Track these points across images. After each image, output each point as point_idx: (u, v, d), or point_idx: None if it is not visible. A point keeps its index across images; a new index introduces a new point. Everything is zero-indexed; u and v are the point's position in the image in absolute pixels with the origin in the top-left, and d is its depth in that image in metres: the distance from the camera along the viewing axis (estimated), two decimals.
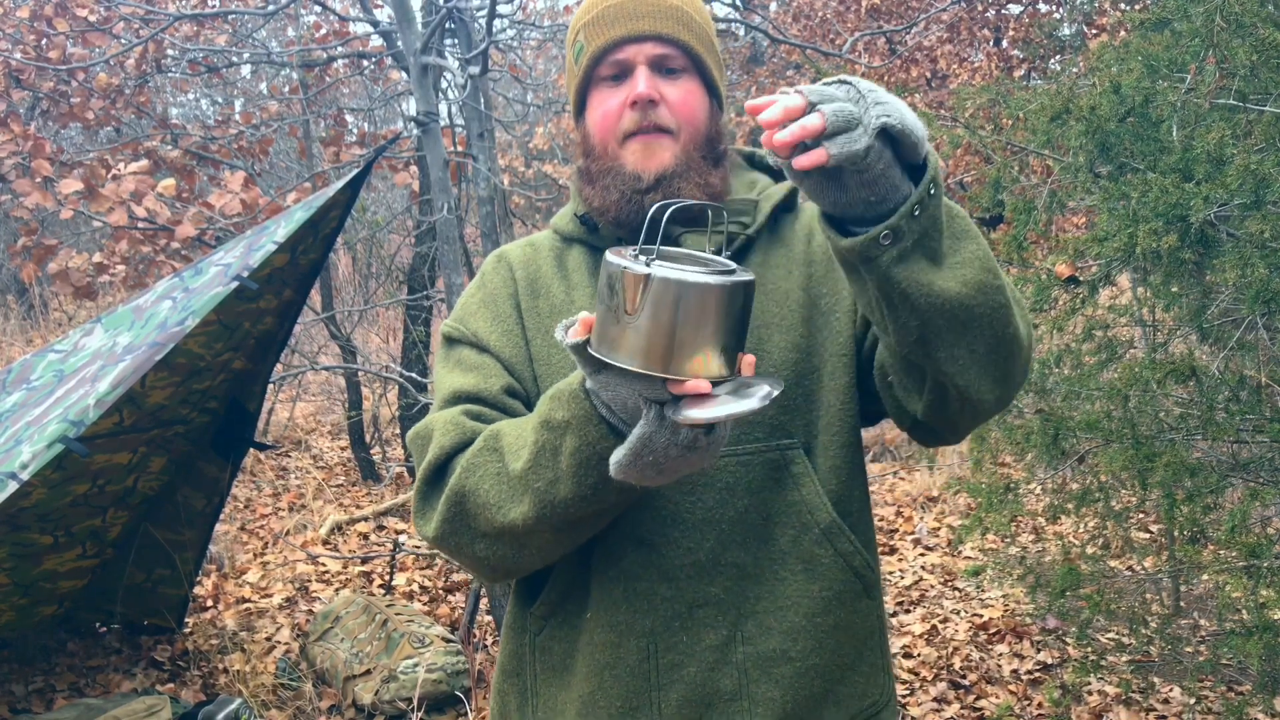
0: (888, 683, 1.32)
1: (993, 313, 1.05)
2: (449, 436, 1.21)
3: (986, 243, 1.08)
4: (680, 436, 1.02)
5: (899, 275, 1.00)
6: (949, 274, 1.03)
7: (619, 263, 1.00)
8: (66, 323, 10.50)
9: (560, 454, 1.10)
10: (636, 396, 1.03)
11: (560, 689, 1.29)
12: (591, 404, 1.07)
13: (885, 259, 0.99)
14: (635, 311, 0.98)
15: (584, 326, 1.04)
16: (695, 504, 1.22)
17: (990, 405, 1.13)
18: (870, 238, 0.98)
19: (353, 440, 6.45)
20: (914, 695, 3.63)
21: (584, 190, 1.32)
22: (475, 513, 1.17)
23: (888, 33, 7.94)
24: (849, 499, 1.27)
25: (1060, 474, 2.97)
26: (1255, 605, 2.42)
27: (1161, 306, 2.82)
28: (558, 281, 1.34)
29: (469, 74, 3.96)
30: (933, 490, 5.77)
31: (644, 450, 1.03)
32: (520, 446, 1.15)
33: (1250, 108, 2.26)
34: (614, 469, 1.05)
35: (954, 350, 1.06)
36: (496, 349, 1.30)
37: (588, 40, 1.27)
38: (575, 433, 1.09)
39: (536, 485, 1.12)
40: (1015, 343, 1.10)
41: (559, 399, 1.11)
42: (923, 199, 0.98)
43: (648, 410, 1.02)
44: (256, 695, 3.65)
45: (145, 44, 5.41)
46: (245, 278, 2.84)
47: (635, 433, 1.03)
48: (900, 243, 0.99)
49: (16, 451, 2.55)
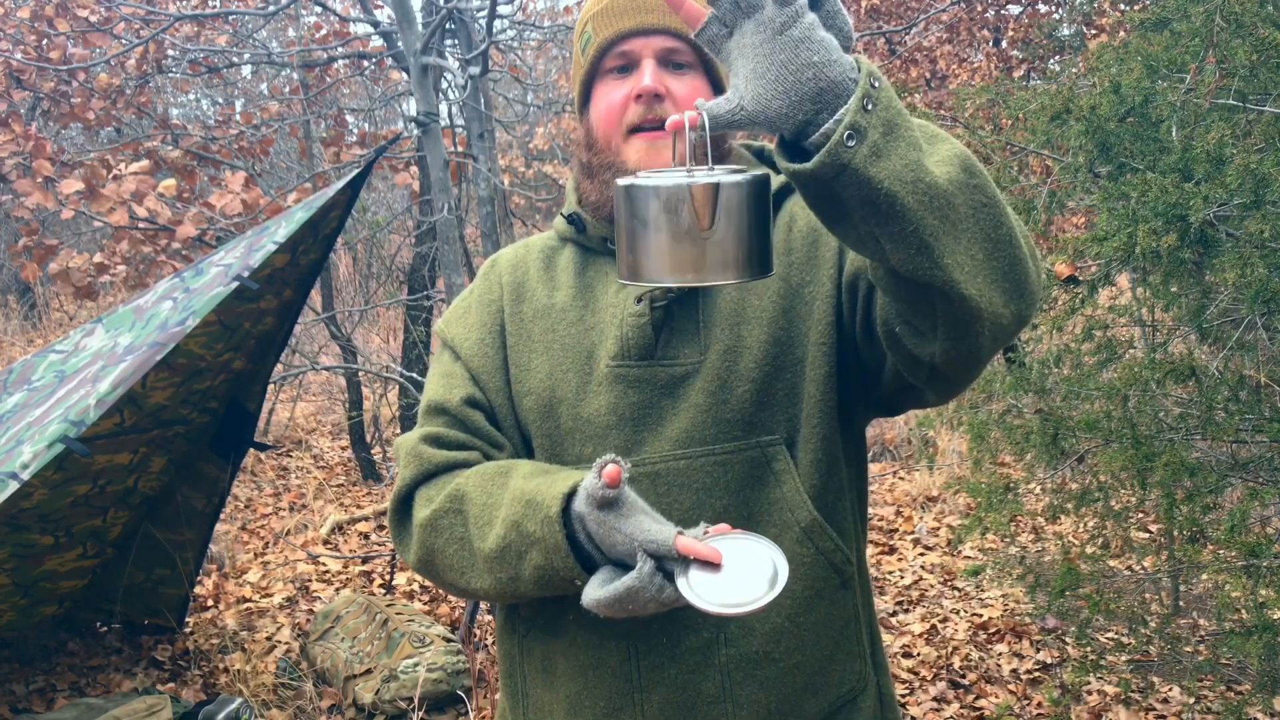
0: (864, 668, 1.31)
1: (981, 209, 0.98)
2: (409, 469, 1.27)
3: (961, 144, 1.02)
4: (665, 594, 1.03)
5: (879, 173, 0.90)
6: (931, 167, 0.95)
7: (677, 181, 0.94)
8: (67, 323, 10.51)
9: (524, 562, 1.14)
10: (635, 548, 1.04)
11: (546, 689, 1.29)
12: (566, 534, 1.09)
13: (858, 159, 0.90)
14: (711, 225, 0.93)
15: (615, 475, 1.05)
16: (672, 505, 1.21)
17: (1008, 320, 1.03)
18: (836, 140, 0.89)
19: (353, 440, 6.45)
20: (914, 695, 3.63)
21: (582, 184, 1.32)
22: (443, 570, 1.23)
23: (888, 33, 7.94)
24: (828, 492, 1.26)
25: (1060, 474, 2.97)
26: (1255, 605, 2.43)
27: (1161, 306, 2.82)
28: (542, 284, 1.34)
29: (469, 74, 3.96)
30: (932, 490, 5.77)
31: (627, 600, 1.05)
32: (486, 524, 1.17)
33: (1250, 108, 2.26)
34: (586, 601, 1.08)
35: (956, 255, 0.97)
36: (466, 357, 1.33)
37: (595, 31, 1.27)
38: (542, 552, 1.12)
39: (499, 575, 1.17)
40: (1013, 244, 1.01)
41: (535, 512, 1.12)
42: (868, 92, 0.90)
43: (643, 563, 1.04)
44: (257, 695, 3.66)
45: (146, 44, 5.41)
46: (246, 278, 2.84)
47: (624, 582, 1.04)
48: (866, 137, 0.90)
49: (17, 452, 2.55)
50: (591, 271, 1.33)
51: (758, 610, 0.99)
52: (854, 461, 1.33)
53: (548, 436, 1.27)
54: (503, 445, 1.29)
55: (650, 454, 1.22)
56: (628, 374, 1.24)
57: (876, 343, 1.19)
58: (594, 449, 1.24)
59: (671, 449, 1.22)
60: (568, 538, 1.09)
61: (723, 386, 1.23)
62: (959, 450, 5.59)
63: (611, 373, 1.25)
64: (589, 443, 1.24)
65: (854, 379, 1.26)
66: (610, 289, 1.29)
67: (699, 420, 1.22)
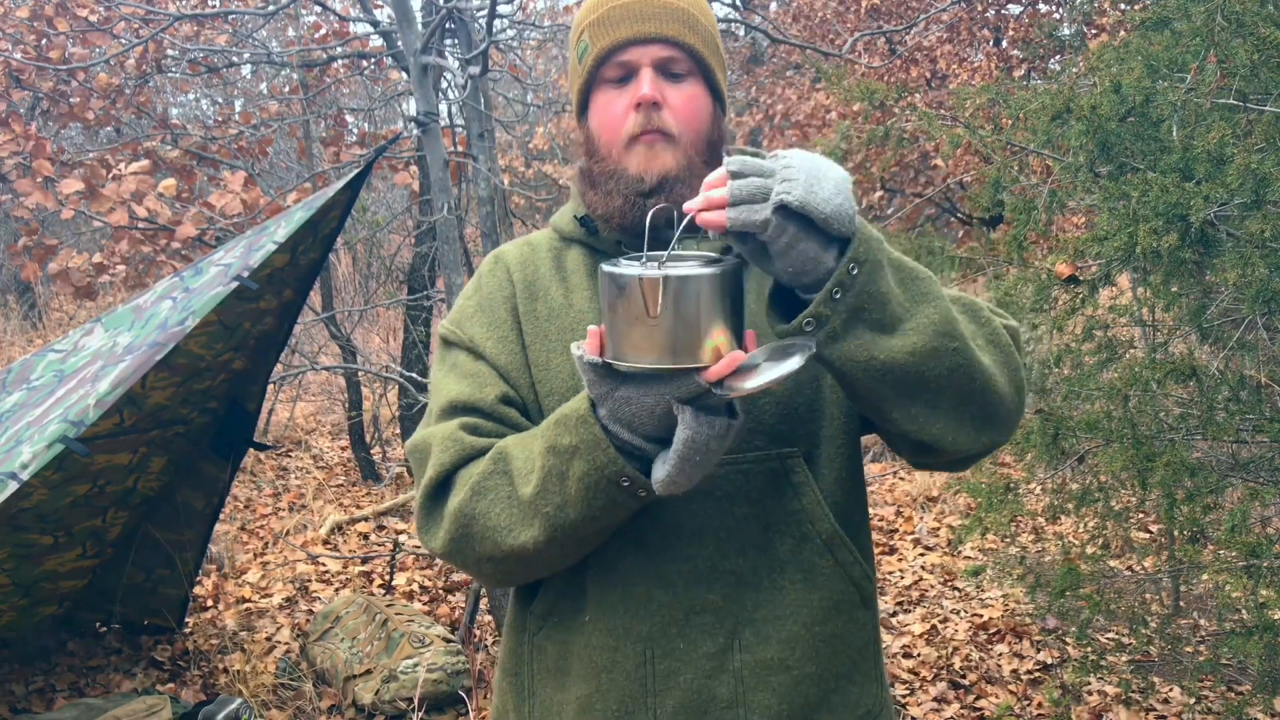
0: (880, 692, 1.32)
1: (949, 373, 1.08)
2: (448, 453, 1.21)
3: (947, 304, 1.10)
4: (716, 428, 1.05)
5: (832, 357, 1.05)
6: (898, 342, 1.05)
7: (631, 273, 1.04)
8: (67, 323, 10.50)
9: (568, 479, 1.11)
10: (665, 402, 1.05)
11: (557, 690, 1.29)
12: (601, 427, 1.08)
13: (816, 343, 1.03)
14: (658, 314, 1.02)
15: (594, 341, 1.06)
16: (694, 511, 1.22)
17: (978, 449, 1.14)
18: (794, 327, 1.03)
19: (353, 440, 6.45)
20: (914, 695, 3.63)
21: (586, 194, 1.31)
22: (483, 535, 1.17)
23: (888, 33, 7.94)
24: (851, 509, 1.27)
25: (1060, 474, 2.97)
26: (1255, 605, 2.43)
27: (1161, 306, 2.81)
28: (556, 284, 1.33)
29: (469, 74, 3.96)
30: (933, 490, 5.77)
31: (691, 452, 1.05)
32: (529, 471, 1.15)
33: (1251, 107, 2.26)
34: (660, 486, 1.07)
35: (910, 410, 1.09)
36: (492, 356, 1.29)
37: (592, 40, 1.26)
38: (583, 457, 1.10)
39: (545, 510, 1.13)
40: (988, 393, 1.10)
41: (565, 424, 1.11)
42: (843, 280, 1.01)
43: (683, 412, 1.04)
44: (256, 695, 3.66)
45: (145, 44, 5.41)
46: (245, 278, 2.84)
47: (679, 437, 1.05)
48: (825, 326, 1.02)
49: (17, 452, 2.54)
50: None
51: (805, 361, 1.04)
52: None
53: None
54: None
55: None
56: None
57: None
58: None
59: None
60: (604, 429, 1.09)
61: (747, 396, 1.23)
62: None
63: None
64: None
65: None
66: None
67: None
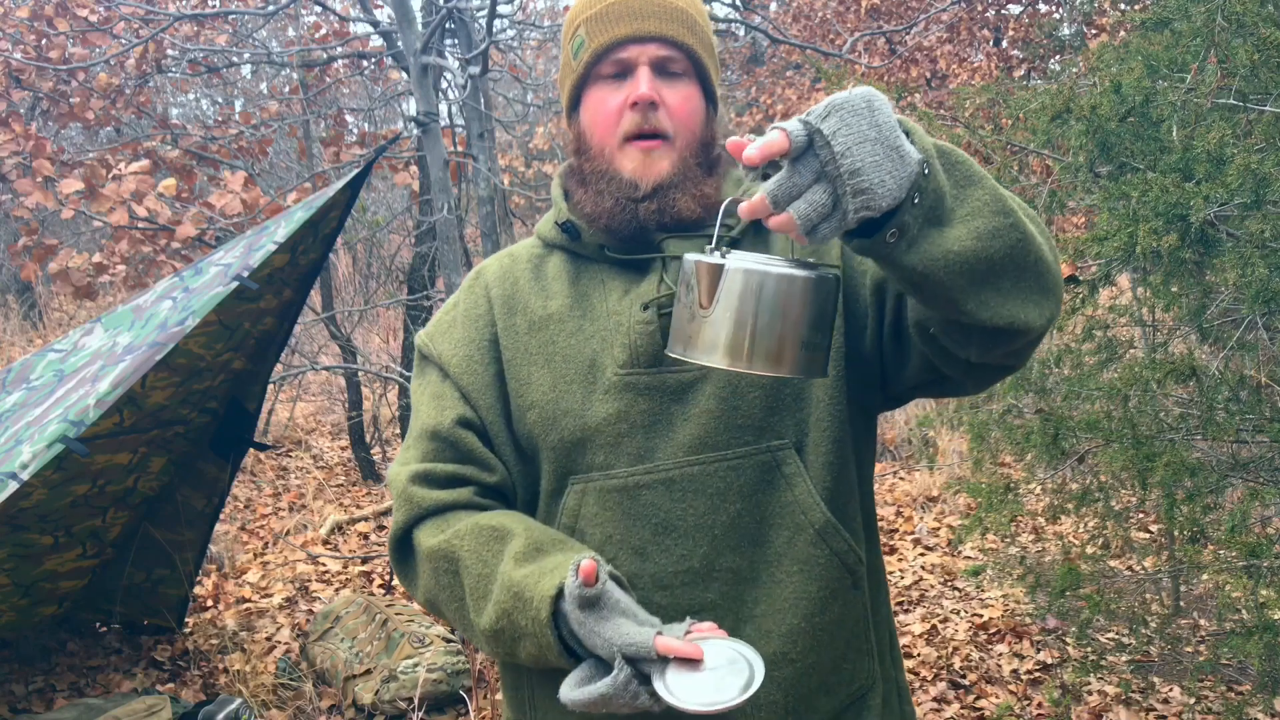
0: (873, 665, 1.32)
1: (1013, 249, 1.02)
2: (400, 512, 1.29)
3: (992, 180, 1.05)
4: (639, 701, 1.05)
5: (913, 262, 0.98)
6: (960, 230, 1.00)
7: (693, 256, 0.99)
8: (67, 323, 10.50)
9: (518, 646, 1.17)
10: (614, 652, 1.06)
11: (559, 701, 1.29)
12: (556, 637, 1.12)
13: (897, 253, 0.97)
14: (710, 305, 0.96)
15: (587, 572, 1.08)
16: (686, 511, 1.22)
17: (1041, 325, 1.08)
18: (880, 239, 0.96)
19: (353, 440, 6.45)
20: (914, 695, 3.63)
21: (575, 192, 1.31)
22: (447, 616, 1.27)
23: (888, 33, 7.94)
24: (840, 493, 1.26)
25: (1060, 474, 2.97)
26: (1255, 605, 2.43)
27: (1161, 306, 2.81)
28: (535, 294, 1.32)
29: (469, 74, 3.96)
30: (933, 490, 5.77)
31: (600, 704, 1.07)
32: (482, 598, 1.19)
33: (1251, 107, 2.26)
34: (562, 697, 1.10)
35: (985, 298, 1.02)
36: (456, 375, 1.31)
37: (589, 36, 1.25)
38: (534, 645, 1.15)
39: (496, 649, 1.21)
40: (1041, 264, 1.06)
41: (527, 608, 1.14)
42: (919, 184, 0.95)
43: (619, 670, 1.06)
44: (256, 695, 3.65)
45: (145, 44, 5.41)
46: (245, 278, 2.84)
47: (597, 688, 1.07)
48: (907, 234, 0.96)
49: (17, 451, 2.54)
50: (586, 279, 1.31)
51: (735, 706, 1.00)
52: (865, 461, 1.33)
53: (556, 449, 1.26)
54: (495, 468, 1.29)
55: (663, 460, 1.23)
56: (638, 381, 1.24)
57: (905, 342, 1.20)
58: (606, 457, 1.23)
59: (685, 454, 1.22)
60: (558, 636, 1.12)
61: (734, 392, 1.23)
62: (959, 450, 5.59)
63: (621, 380, 1.24)
64: (601, 451, 1.24)
65: (871, 377, 1.27)
66: (609, 297, 1.28)
67: (711, 426, 1.22)
